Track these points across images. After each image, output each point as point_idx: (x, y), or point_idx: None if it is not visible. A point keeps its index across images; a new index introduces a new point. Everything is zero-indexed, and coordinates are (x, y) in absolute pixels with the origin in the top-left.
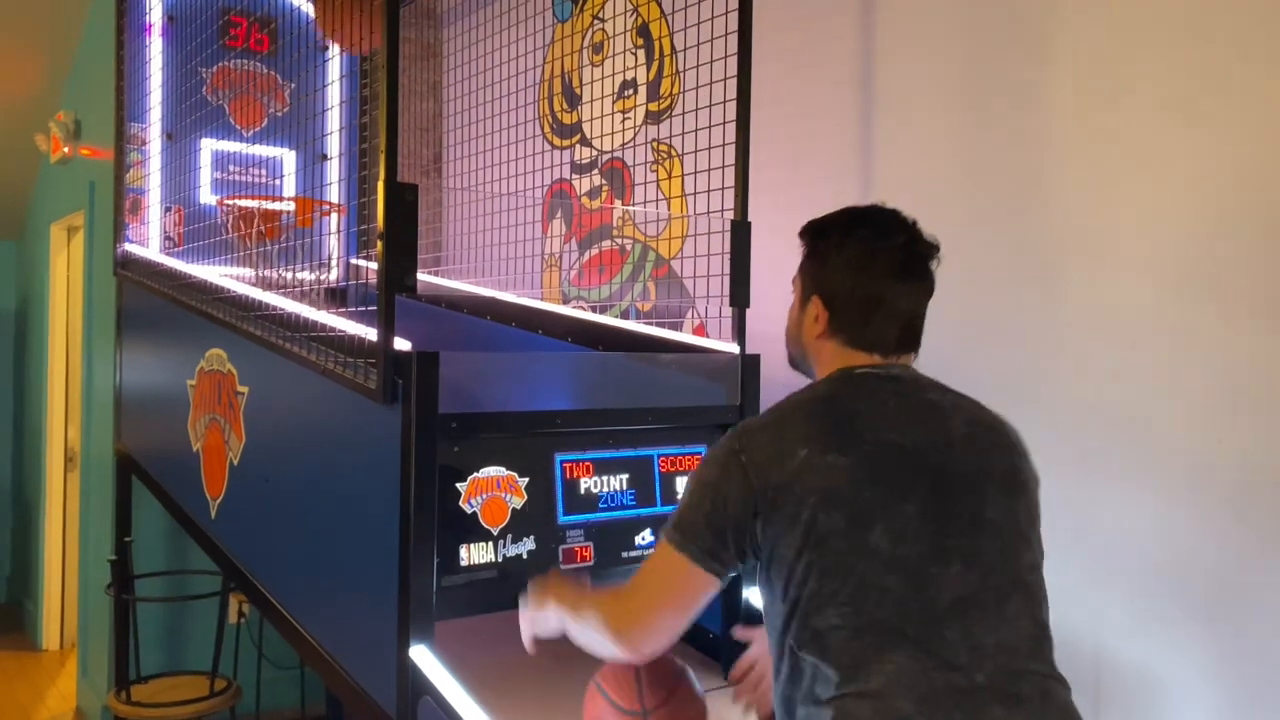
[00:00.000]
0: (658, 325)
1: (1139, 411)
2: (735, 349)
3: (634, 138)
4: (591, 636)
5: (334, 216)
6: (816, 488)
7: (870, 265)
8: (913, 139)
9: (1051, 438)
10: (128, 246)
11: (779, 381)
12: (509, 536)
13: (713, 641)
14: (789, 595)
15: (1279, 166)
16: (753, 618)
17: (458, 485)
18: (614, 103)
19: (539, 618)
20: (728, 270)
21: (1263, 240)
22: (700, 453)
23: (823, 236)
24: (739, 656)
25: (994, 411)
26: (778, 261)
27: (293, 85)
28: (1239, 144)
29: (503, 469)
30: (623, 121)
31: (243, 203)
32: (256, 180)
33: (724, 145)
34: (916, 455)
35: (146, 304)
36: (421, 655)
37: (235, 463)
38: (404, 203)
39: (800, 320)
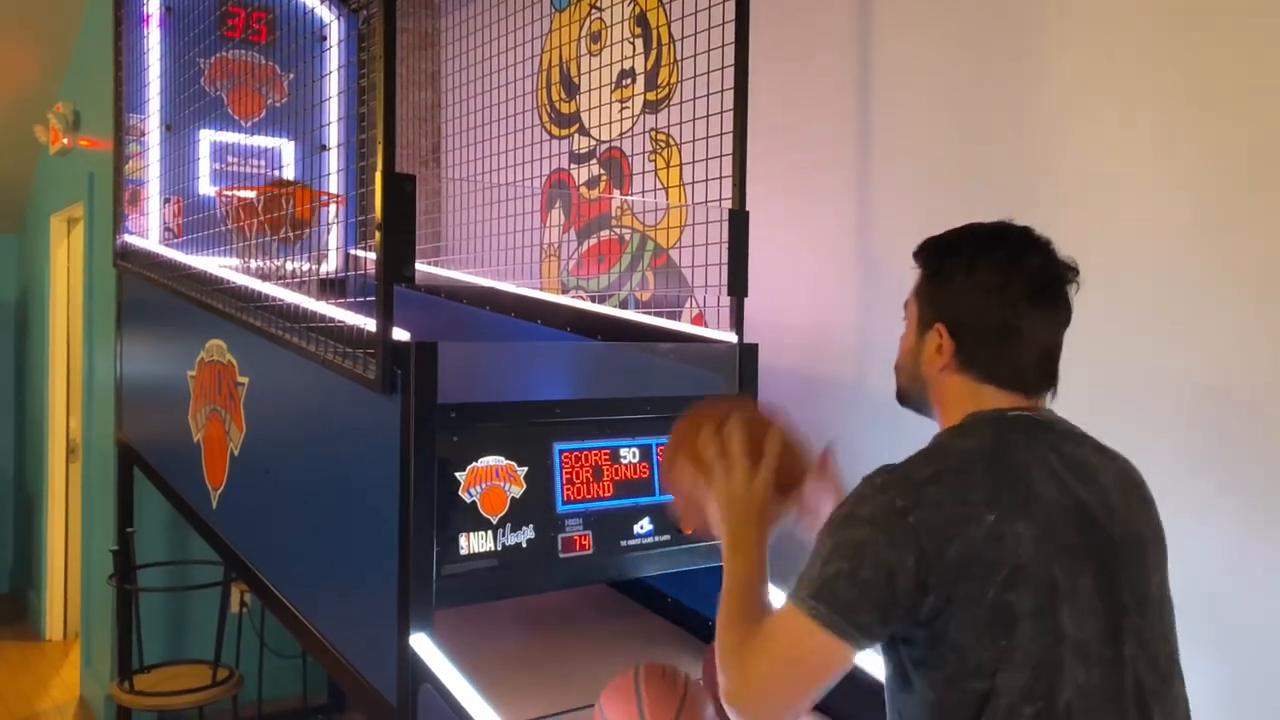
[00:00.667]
0: (656, 315)
1: (1137, 407)
2: (733, 338)
3: (632, 127)
4: (719, 645)
5: (333, 207)
6: (1005, 562)
7: (1005, 289)
8: (910, 128)
9: None
10: (127, 238)
11: (776, 370)
12: (508, 525)
13: (711, 629)
14: (967, 689)
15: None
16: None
17: (457, 475)
18: (612, 92)
19: (721, 540)
20: (726, 259)
21: (1263, 236)
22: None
23: (948, 256)
24: None
25: (1123, 457)
26: (775, 250)
27: (291, 76)
28: (1240, 139)
29: (502, 458)
30: (621, 111)
31: (242, 193)
32: (255, 171)
33: (722, 134)
34: (1086, 522)
35: (146, 295)
36: (422, 643)
37: (236, 453)
38: (402, 193)
39: (918, 351)
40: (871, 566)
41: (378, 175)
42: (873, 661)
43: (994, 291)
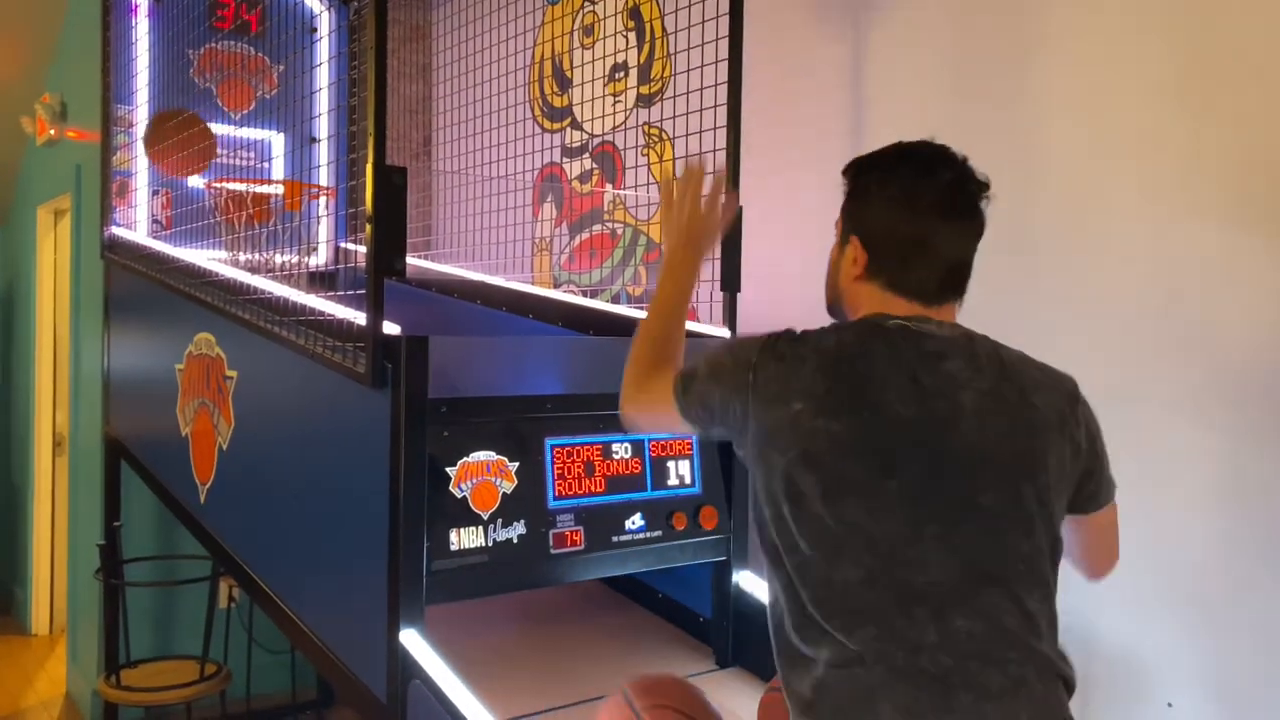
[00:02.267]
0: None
1: (1131, 401)
2: (726, 333)
3: (625, 121)
4: (631, 355)
5: (323, 200)
6: (797, 446)
7: (914, 203)
8: (903, 125)
9: None
10: (115, 230)
11: None
12: (499, 521)
13: (703, 625)
14: (773, 532)
15: (1274, 154)
16: (742, 602)
17: (447, 470)
18: (605, 86)
19: (670, 257)
20: (719, 255)
21: (1257, 229)
22: (691, 437)
23: (865, 173)
24: (728, 643)
25: (1036, 374)
26: (769, 245)
27: (281, 68)
28: (1233, 132)
29: (493, 453)
30: (614, 105)
31: (231, 186)
32: (245, 163)
33: (715, 129)
34: (912, 432)
35: (134, 288)
36: (411, 639)
37: (224, 447)
38: (392, 186)
39: (839, 262)
40: (719, 389)
41: (368, 168)
42: None
43: (903, 205)
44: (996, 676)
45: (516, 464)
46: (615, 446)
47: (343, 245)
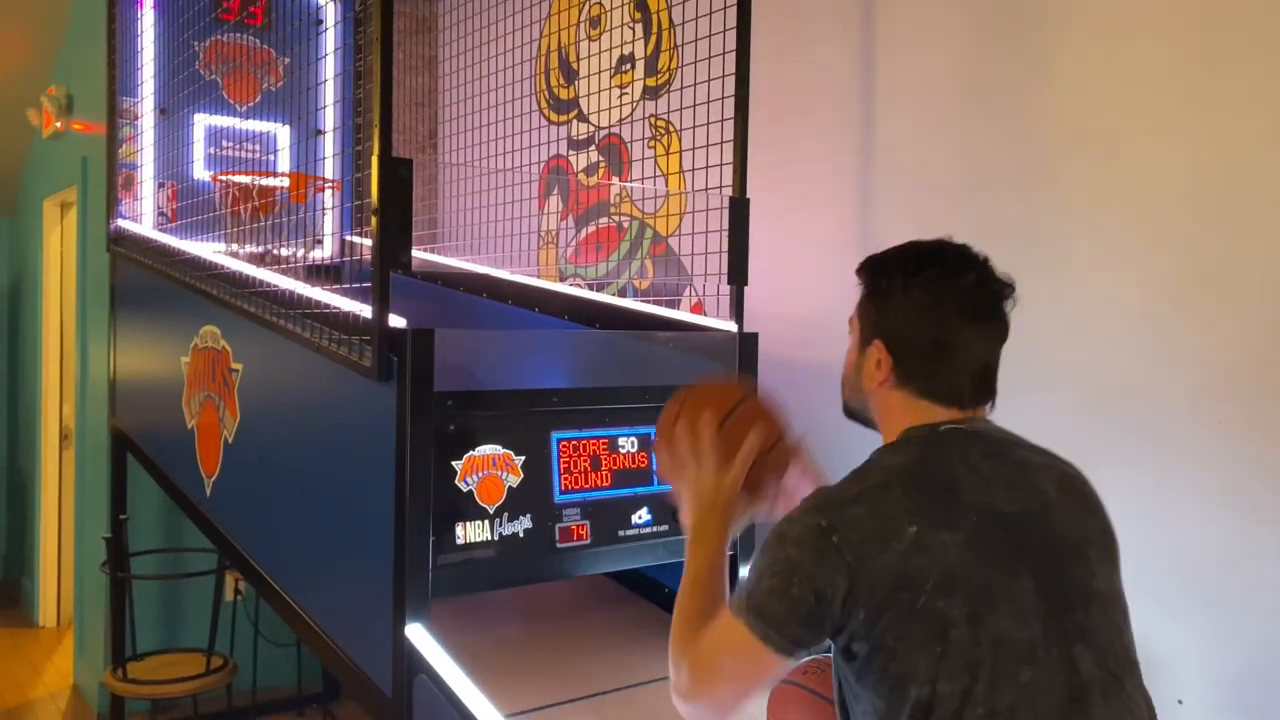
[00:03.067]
0: (655, 303)
1: (1139, 399)
2: (733, 327)
3: (631, 113)
4: (673, 636)
5: (328, 192)
6: (933, 571)
7: (939, 306)
8: (912, 117)
9: (1051, 426)
10: (121, 222)
11: (776, 359)
12: (505, 515)
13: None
14: (907, 695)
15: None
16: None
17: (453, 463)
18: (611, 78)
19: (685, 530)
20: (726, 248)
21: (1264, 229)
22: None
23: (885, 275)
24: None
25: (1075, 466)
26: (776, 238)
27: (287, 60)
28: (1242, 133)
29: (499, 447)
30: (620, 97)
31: (237, 178)
32: (251, 155)
33: (723, 121)
34: (1022, 524)
35: (140, 280)
36: (417, 634)
37: (230, 440)
38: (399, 178)
39: (859, 365)
40: (800, 585)
41: (374, 160)
42: None
43: (928, 309)
44: None
45: (522, 458)
46: (621, 440)
47: (348, 238)
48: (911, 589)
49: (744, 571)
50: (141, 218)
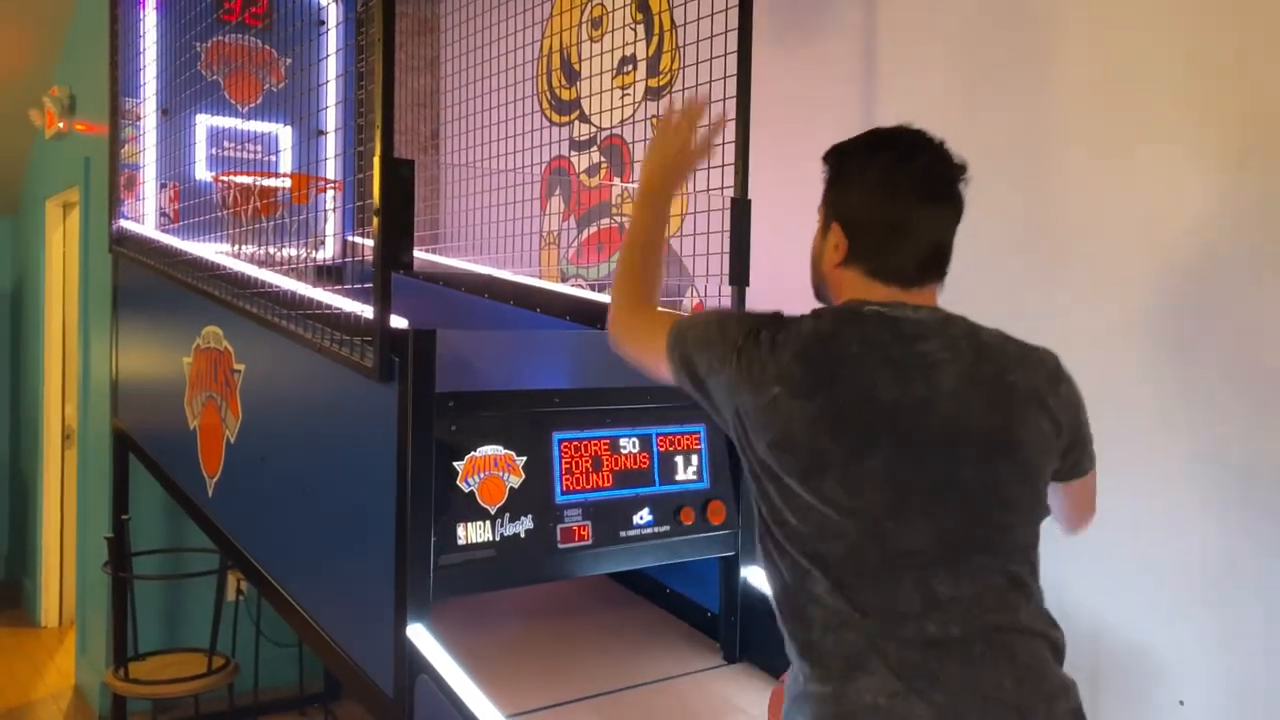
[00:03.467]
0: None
1: (1144, 405)
2: None
3: (633, 114)
4: (616, 285)
5: (330, 193)
6: (775, 427)
7: (893, 189)
8: (915, 118)
9: None
10: (123, 223)
11: None
12: (506, 515)
13: (711, 620)
14: (762, 507)
15: None
16: (750, 597)
17: (455, 464)
18: (613, 78)
19: (647, 172)
20: (727, 249)
21: (1271, 234)
22: (699, 432)
23: (844, 160)
24: (736, 638)
25: (1012, 350)
26: (777, 239)
27: (289, 60)
28: (1249, 135)
29: (500, 448)
30: (622, 97)
31: (239, 179)
32: (252, 156)
33: (724, 122)
34: (891, 412)
35: (142, 281)
36: (419, 634)
37: (232, 441)
38: (400, 179)
39: (821, 249)
40: (705, 360)
41: (376, 161)
42: None
43: (882, 190)
44: (978, 645)
45: (524, 458)
46: (623, 441)
47: (350, 239)
48: (759, 432)
49: (744, 572)
50: (144, 218)
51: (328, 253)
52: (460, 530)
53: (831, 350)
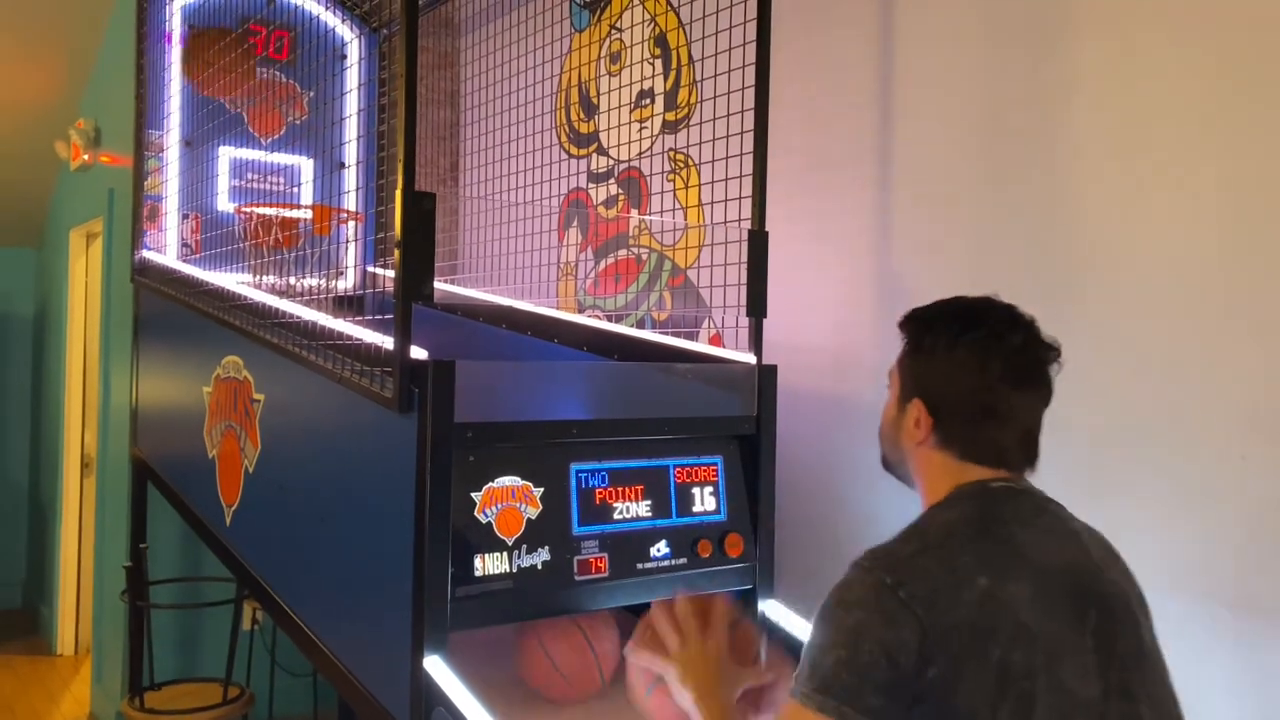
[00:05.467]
0: (674, 335)
1: (1162, 427)
2: (752, 359)
3: (651, 147)
4: None
5: (351, 224)
6: (1006, 623)
7: (985, 370)
8: (931, 149)
9: (1073, 454)
10: (145, 253)
11: (795, 392)
12: (524, 547)
13: None
14: None
15: None
16: (769, 632)
17: (473, 495)
18: (631, 112)
19: (684, 704)
20: (744, 280)
21: None
22: (717, 464)
23: (930, 332)
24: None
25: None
26: (795, 271)
27: (311, 93)
28: (1267, 153)
29: (518, 479)
30: (639, 131)
31: (260, 210)
32: (274, 188)
33: (741, 155)
34: (1076, 581)
35: (164, 310)
36: (435, 666)
37: (250, 470)
38: (422, 211)
39: (898, 422)
40: (869, 649)
41: (398, 193)
42: None
43: (974, 372)
44: None
45: (541, 489)
46: (640, 472)
47: (370, 269)
48: (985, 640)
49: (762, 605)
50: (165, 249)
51: (348, 283)
52: (478, 561)
53: (995, 529)
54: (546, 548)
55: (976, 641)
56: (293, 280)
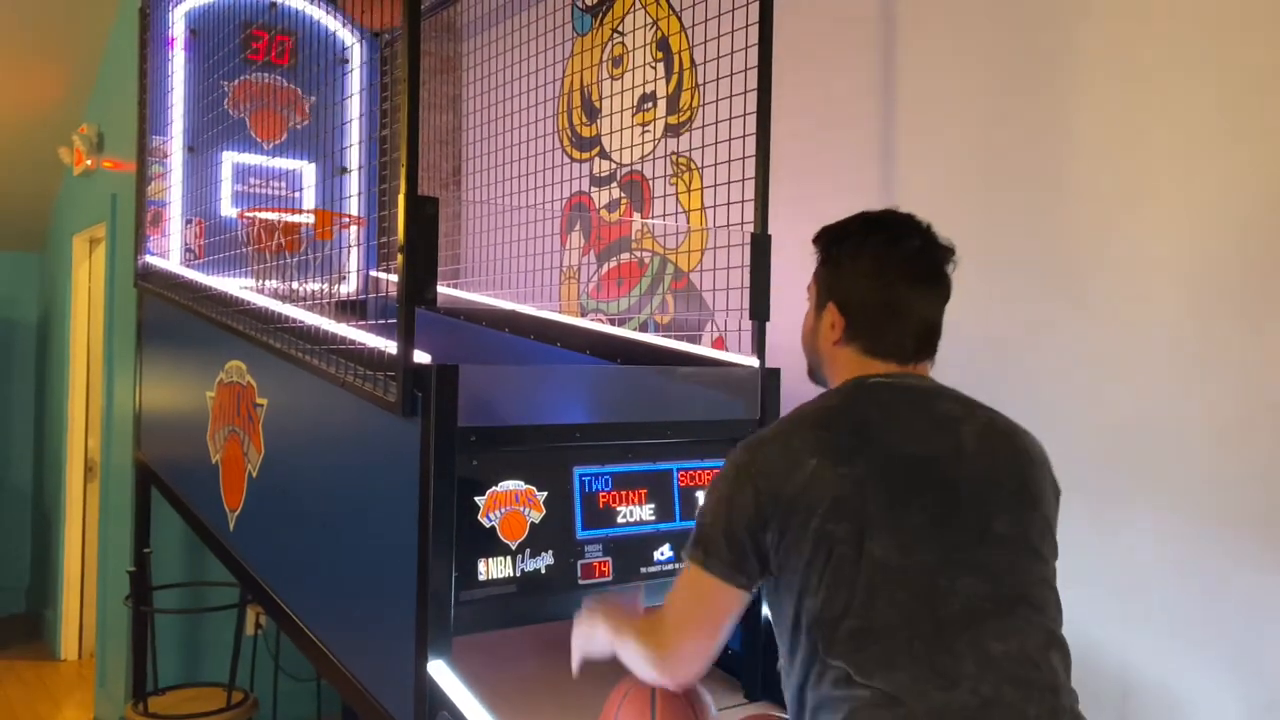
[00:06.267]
0: (677, 338)
1: (1166, 427)
2: (755, 362)
3: (653, 150)
4: (634, 661)
5: (353, 229)
6: (825, 498)
7: (885, 271)
8: (934, 151)
9: (1076, 453)
10: (149, 258)
11: (799, 395)
12: (527, 551)
13: (732, 658)
14: (800, 604)
15: None
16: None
17: (476, 499)
18: (633, 116)
19: (590, 637)
20: (747, 283)
21: None
22: (720, 467)
23: (837, 243)
24: (758, 676)
25: (1011, 421)
26: (798, 274)
27: (313, 99)
28: (1271, 149)
29: (521, 483)
30: (642, 134)
31: (263, 215)
32: (277, 193)
33: (744, 158)
34: (926, 466)
35: (167, 316)
36: (439, 670)
37: (254, 475)
38: (425, 216)
39: (816, 328)
40: (726, 514)
41: (400, 198)
42: None
43: (876, 274)
44: (1033, 708)
45: (545, 493)
46: (644, 476)
47: (373, 274)
48: (806, 511)
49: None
50: (169, 254)
51: (350, 287)
52: (481, 566)
53: (853, 417)
54: (550, 552)
55: (799, 513)
56: (295, 285)
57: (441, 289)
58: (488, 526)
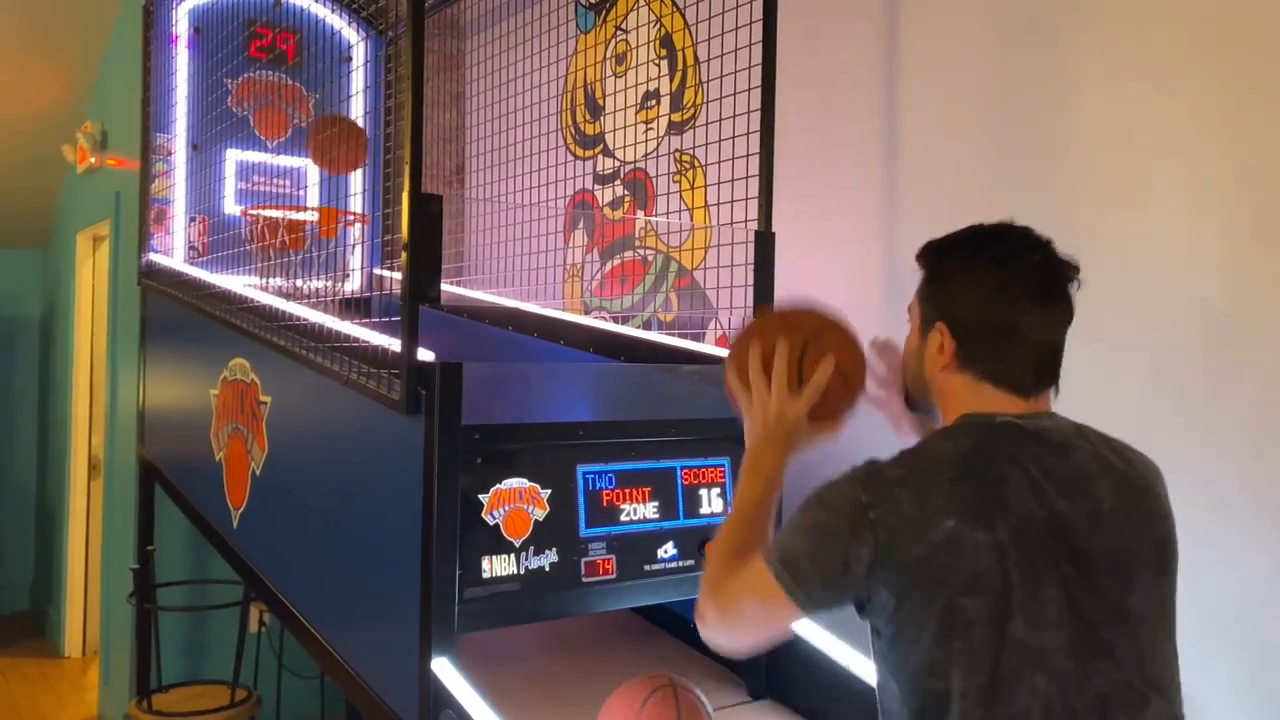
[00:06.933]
0: (680, 336)
1: (1176, 424)
2: None
3: (657, 148)
4: (710, 561)
5: (357, 227)
6: (962, 570)
7: (1004, 287)
8: (938, 149)
9: None
10: (152, 256)
11: None
12: (531, 549)
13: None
14: (928, 680)
15: None
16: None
17: (480, 497)
18: (637, 113)
19: (758, 463)
20: (751, 281)
21: None
22: (724, 465)
23: (946, 256)
24: (762, 675)
25: (1139, 458)
26: (801, 272)
27: (317, 96)
28: (1272, 149)
29: (525, 480)
30: (645, 132)
31: (267, 213)
32: (280, 190)
33: (748, 156)
34: (1062, 531)
35: (170, 313)
36: (443, 668)
37: (257, 472)
38: (428, 213)
39: (920, 351)
40: (829, 551)
41: (404, 195)
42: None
43: (993, 290)
44: None
45: (549, 491)
46: (647, 474)
47: (376, 272)
48: (936, 582)
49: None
50: (172, 251)
51: (354, 285)
52: (485, 563)
53: (983, 471)
54: (554, 549)
55: (926, 582)
56: (299, 283)
57: (445, 287)
58: (491, 524)
